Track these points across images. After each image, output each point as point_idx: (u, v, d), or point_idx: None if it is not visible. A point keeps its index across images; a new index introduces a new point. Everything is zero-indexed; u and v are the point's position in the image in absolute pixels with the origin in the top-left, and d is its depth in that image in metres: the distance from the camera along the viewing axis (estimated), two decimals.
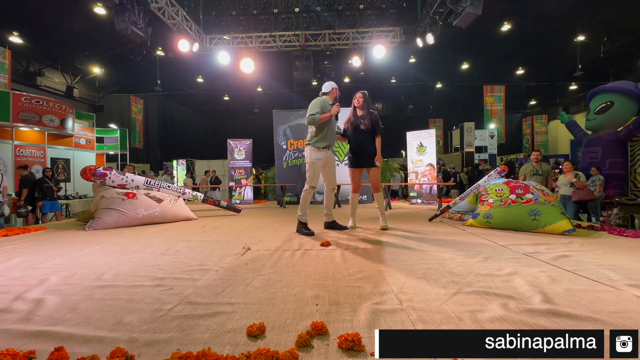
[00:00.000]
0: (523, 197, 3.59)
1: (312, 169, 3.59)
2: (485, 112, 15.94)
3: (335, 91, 3.77)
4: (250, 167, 9.12)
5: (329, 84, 3.77)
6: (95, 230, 3.89)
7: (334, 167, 3.80)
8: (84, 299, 1.63)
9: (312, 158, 3.59)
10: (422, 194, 7.79)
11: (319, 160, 3.60)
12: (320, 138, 3.61)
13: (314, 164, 3.59)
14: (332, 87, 3.75)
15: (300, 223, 3.56)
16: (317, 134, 3.61)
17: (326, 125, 3.61)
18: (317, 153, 3.60)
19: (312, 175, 3.60)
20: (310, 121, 3.52)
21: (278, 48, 10.98)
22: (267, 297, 1.62)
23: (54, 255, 2.62)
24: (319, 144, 3.60)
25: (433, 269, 2.08)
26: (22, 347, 1.13)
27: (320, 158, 3.61)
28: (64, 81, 13.95)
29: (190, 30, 9.86)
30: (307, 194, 3.62)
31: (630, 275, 1.89)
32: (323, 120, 3.51)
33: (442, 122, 19.13)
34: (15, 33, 10.87)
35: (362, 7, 11.08)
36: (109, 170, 4.39)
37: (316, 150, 3.60)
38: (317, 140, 3.61)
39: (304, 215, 3.56)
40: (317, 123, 3.50)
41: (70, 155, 10.46)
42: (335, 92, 3.77)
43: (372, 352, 1.09)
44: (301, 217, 3.56)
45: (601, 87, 7.18)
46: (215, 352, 1.07)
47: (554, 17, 11.45)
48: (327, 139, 3.64)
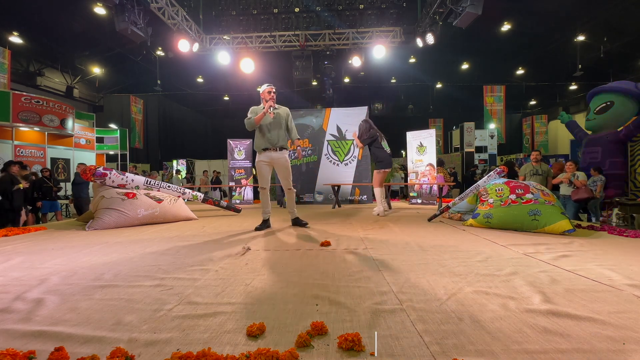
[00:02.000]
0: (523, 197, 3.59)
1: (258, 171, 3.84)
2: (485, 112, 15.94)
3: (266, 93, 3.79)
4: (250, 167, 9.12)
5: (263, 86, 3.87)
6: (95, 230, 3.89)
7: (286, 168, 3.86)
8: (84, 299, 1.63)
9: (256, 161, 3.82)
10: (422, 194, 7.79)
11: (261, 163, 3.78)
12: (256, 141, 3.80)
13: (258, 166, 3.81)
14: (264, 88, 3.82)
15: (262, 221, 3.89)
16: (255, 137, 3.81)
17: (263, 127, 3.73)
18: (259, 156, 3.79)
19: (259, 177, 3.87)
20: (247, 125, 3.72)
21: (278, 48, 10.98)
22: (267, 297, 1.62)
23: (54, 255, 2.62)
24: (257, 146, 3.79)
25: (433, 269, 2.08)
26: (22, 347, 1.13)
27: (262, 160, 3.78)
28: (64, 81, 13.95)
29: (190, 30, 9.86)
30: (261, 195, 3.91)
31: (630, 275, 1.89)
32: (258, 120, 3.67)
33: (442, 122, 19.13)
34: (15, 33, 10.87)
35: (362, 7, 11.08)
36: (109, 170, 4.39)
37: (258, 153, 3.81)
38: (255, 145, 3.82)
39: (263, 213, 3.90)
40: (254, 125, 3.68)
41: (70, 155, 10.47)
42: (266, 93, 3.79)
43: (372, 352, 1.09)
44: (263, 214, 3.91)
45: (601, 87, 7.18)
46: (215, 352, 1.07)
47: (554, 17, 11.45)
48: (265, 140, 3.74)
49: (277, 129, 3.76)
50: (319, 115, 8.44)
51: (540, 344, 1.14)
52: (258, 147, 3.77)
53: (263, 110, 3.64)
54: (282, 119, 3.82)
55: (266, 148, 3.73)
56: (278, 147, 3.76)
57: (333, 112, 8.37)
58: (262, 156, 3.77)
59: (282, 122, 3.81)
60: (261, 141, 3.75)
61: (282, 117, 3.82)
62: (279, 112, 3.80)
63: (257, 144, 3.78)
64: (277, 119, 3.76)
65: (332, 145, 8.31)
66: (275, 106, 3.73)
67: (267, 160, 3.75)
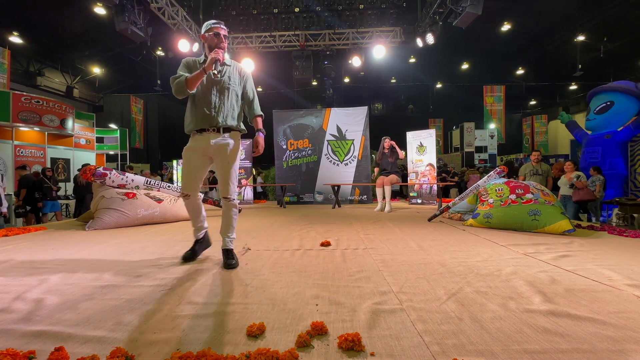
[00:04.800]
0: (523, 197, 3.59)
1: (184, 164, 2.33)
2: (485, 112, 15.94)
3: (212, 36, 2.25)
4: (250, 167, 9.13)
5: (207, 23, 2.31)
6: (95, 230, 3.89)
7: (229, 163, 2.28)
8: (84, 299, 1.63)
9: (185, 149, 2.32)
10: (422, 194, 7.79)
11: (190, 152, 2.29)
12: (188, 116, 2.31)
13: (185, 156, 2.31)
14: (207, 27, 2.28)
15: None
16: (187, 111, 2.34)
17: (200, 94, 2.24)
18: (190, 141, 2.31)
19: (183, 174, 2.34)
20: (174, 89, 2.20)
21: (278, 48, 10.98)
22: (267, 297, 1.62)
23: (54, 255, 2.62)
24: (188, 126, 2.31)
25: (433, 269, 2.08)
26: (22, 347, 1.13)
27: (192, 148, 2.28)
28: (64, 81, 13.96)
29: (190, 30, 9.86)
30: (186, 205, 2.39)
31: (630, 275, 1.89)
32: (193, 82, 2.15)
33: (442, 122, 19.12)
34: (15, 33, 10.88)
35: (362, 7, 11.08)
36: (109, 171, 4.39)
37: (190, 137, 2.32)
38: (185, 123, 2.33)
39: (194, 229, 2.44)
40: (186, 89, 2.16)
41: (70, 155, 10.46)
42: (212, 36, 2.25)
43: (372, 352, 1.09)
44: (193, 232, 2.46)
45: (601, 87, 7.19)
46: (215, 352, 1.07)
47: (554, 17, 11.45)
48: (201, 116, 2.23)
49: (225, 98, 2.27)
50: (319, 115, 8.44)
51: (540, 344, 1.14)
52: (189, 126, 2.29)
53: (203, 66, 2.14)
54: (235, 82, 2.33)
55: (202, 129, 2.24)
56: (222, 128, 2.26)
57: (333, 112, 8.37)
58: (194, 141, 2.28)
59: (234, 88, 2.32)
60: (195, 117, 2.26)
61: (235, 81, 2.33)
62: (229, 69, 2.32)
63: (189, 122, 2.29)
64: (226, 82, 2.27)
65: (332, 145, 8.31)
66: (223, 60, 2.25)
67: (202, 149, 2.26)
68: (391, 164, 6.16)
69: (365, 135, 8.18)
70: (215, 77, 2.24)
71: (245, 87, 2.40)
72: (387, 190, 5.93)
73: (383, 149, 6.25)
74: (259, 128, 2.39)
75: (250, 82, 2.45)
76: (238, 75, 2.37)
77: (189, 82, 2.14)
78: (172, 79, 2.22)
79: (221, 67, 2.26)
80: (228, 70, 2.31)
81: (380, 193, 6.01)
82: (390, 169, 6.15)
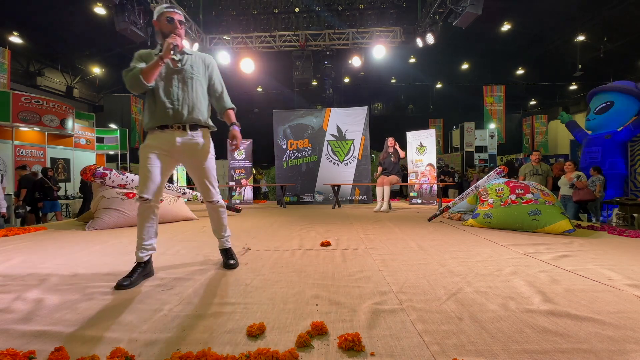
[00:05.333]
0: (523, 197, 3.59)
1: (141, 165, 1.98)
2: (485, 112, 15.93)
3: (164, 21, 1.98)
4: (250, 167, 9.13)
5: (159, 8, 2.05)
6: (95, 230, 3.89)
7: (201, 162, 2.09)
8: (84, 299, 1.63)
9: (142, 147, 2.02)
10: (422, 194, 7.80)
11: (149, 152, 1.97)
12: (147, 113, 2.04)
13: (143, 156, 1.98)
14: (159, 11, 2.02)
15: None
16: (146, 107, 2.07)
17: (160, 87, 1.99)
18: (149, 138, 2.03)
19: (141, 176, 1.97)
20: (129, 84, 1.92)
21: (278, 48, 10.97)
22: (267, 297, 1.62)
23: (54, 255, 2.62)
24: (148, 123, 2.03)
25: (433, 269, 2.08)
26: (22, 347, 1.13)
27: (153, 147, 1.99)
28: (64, 81, 13.95)
29: (190, 30, 9.86)
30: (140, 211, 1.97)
31: (630, 275, 1.89)
32: (149, 73, 1.88)
33: (442, 122, 19.11)
34: (15, 33, 10.87)
35: (362, 7, 11.08)
36: (109, 170, 4.39)
37: (148, 134, 2.04)
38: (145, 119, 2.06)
39: (138, 248, 1.95)
40: (143, 84, 1.88)
41: (70, 155, 10.46)
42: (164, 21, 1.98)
43: (372, 352, 1.09)
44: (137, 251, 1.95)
45: (601, 87, 7.19)
46: (215, 352, 1.08)
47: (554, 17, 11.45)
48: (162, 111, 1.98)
49: (188, 90, 2.02)
50: (319, 115, 8.44)
51: (540, 344, 1.14)
52: (149, 123, 2.02)
53: (159, 55, 1.88)
54: (199, 72, 2.09)
55: (164, 125, 1.99)
56: (188, 125, 2.02)
57: (333, 112, 8.38)
58: (155, 139, 2.00)
59: (198, 78, 2.08)
60: (155, 112, 1.99)
61: (199, 70, 2.09)
62: (191, 58, 2.07)
63: (149, 119, 2.02)
64: (188, 72, 2.04)
65: (332, 145, 8.31)
66: (182, 46, 1.99)
67: (165, 148, 1.99)
68: (394, 164, 6.18)
69: (365, 135, 8.18)
70: (175, 65, 1.99)
71: (211, 78, 2.16)
72: (386, 191, 5.94)
73: (387, 149, 6.27)
74: (232, 122, 2.13)
75: (217, 73, 2.19)
76: (202, 64, 2.11)
77: (145, 74, 1.87)
78: (124, 72, 1.93)
79: (181, 55, 2.00)
80: (190, 59, 2.06)
81: (380, 192, 6.03)
82: (392, 169, 6.17)
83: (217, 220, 2.22)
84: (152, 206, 1.96)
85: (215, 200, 2.16)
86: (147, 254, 1.96)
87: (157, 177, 1.97)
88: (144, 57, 2.00)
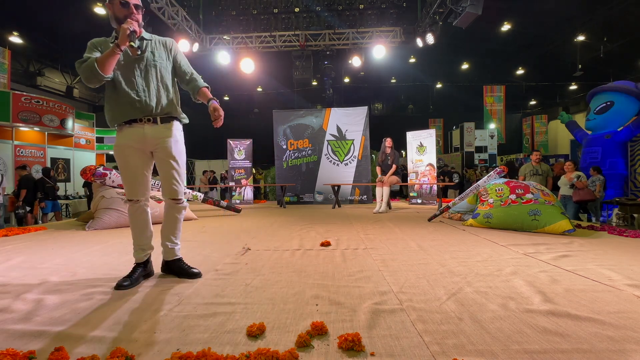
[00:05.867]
0: (523, 197, 3.59)
1: (121, 165, 1.91)
2: (485, 112, 15.94)
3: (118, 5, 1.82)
4: (250, 167, 9.13)
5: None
6: (95, 230, 3.89)
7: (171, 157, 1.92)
8: (83, 298, 1.63)
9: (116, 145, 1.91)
10: (422, 194, 7.80)
11: (125, 148, 1.88)
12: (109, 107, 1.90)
13: (118, 153, 1.89)
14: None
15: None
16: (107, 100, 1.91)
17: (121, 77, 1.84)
18: (119, 135, 1.90)
19: (123, 176, 1.93)
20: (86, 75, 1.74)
21: (278, 48, 10.97)
22: (267, 297, 1.62)
23: (54, 255, 2.62)
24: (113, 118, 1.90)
25: (433, 269, 2.08)
26: (22, 347, 1.13)
27: (125, 144, 1.87)
28: (64, 81, 13.96)
29: (190, 30, 9.86)
30: (130, 212, 1.94)
31: (630, 275, 1.89)
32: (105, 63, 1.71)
33: (442, 122, 19.12)
34: (15, 33, 10.87)
35: (362, 7, 11.08)
36: (109, 170, 4.39)
37: (117, 131, 1.92)
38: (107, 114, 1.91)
39: (136, 249, 1.94)
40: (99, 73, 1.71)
41: (70, 155, 10.47)
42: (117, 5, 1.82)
43: (372, 352, 1.09)
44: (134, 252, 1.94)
45: (601, 87, 7.19)
46: (215, 352, 1.08)
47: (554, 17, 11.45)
48: (128, 104, 1.84)
49: (152, 78, 1.89)
50: (319, 115, 8.45)
51: (540, 344, 1.14)
52: (114, 119, 1.89)
53: (115, 43, 1.71)
54: (162, 58, 1.94)
55: (131, 120, 1.86)
56: (159, 117, 1.90)
57: (333, 112, 8.38)
58: (124, 136, 1.88)
59: (162, 65, 1.93)
60: (120, 107, 1.86)
61: (162, 56, 1.95)
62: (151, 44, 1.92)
63: (113, 113, 1.88)
64: (150, 60, 1.89)
65: (332, 145, 8.31)
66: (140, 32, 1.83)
67: (137, 144, 1.87)
68: (390, 167, 6.17)
69: (365, 135, 8.18)
70: (135, 53, 1.82)
71: (176, 60, 2.00)
72: (385, 191, 5.94)
73: (385, 150, 6.26)
74: (210, 97, 1.95)
75: (181, 54, 2.04)
76: (164, 49, 1.95)
77: (100, 63, 1.69)
78: (77, 63, 1.76)
79: (140, 41, 1.83)
80: (150, 45, 1.90)
81: (380, 193, 6.03)
82: (389, 171, 6.17)
83: (174, 222, 1.99)
84: (142, 205, 1.93)
85: (181, 199, 1.97)
86: (145, 254, 1.95)
87: (141, 177, 1.90)
88: (98, 45, 1.84)
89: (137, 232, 1.93)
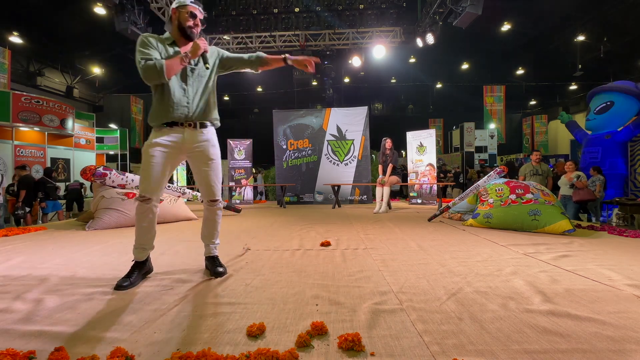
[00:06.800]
0: (523, 197, 3.59)
1: (145, 163, 1.90)
2: (485, 112, 15.93)
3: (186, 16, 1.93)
4: (250, 167, 9.12)
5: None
6: (95, 230, 3.89)
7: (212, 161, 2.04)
8: (84, 299, 1.63)
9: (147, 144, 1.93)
10: (422, 194, 7.80)
11: (156, 149, 1.89)
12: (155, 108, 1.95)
13: (147, 154, 1.90)
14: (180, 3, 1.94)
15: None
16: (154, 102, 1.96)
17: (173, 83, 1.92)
18: (155, 135, 1.94)
19: (143, 174, 1.91)
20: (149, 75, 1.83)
21: (278, 48, 10.98)
22: (267, 297, 1.62)
23: (54, 255, 2.62)
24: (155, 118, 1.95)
25: (433, 269, 2.08)
26: (22, 347, 1.13)
27: (160, 145, 1.91)
28: (64, 81, 13.96)
29: None
30: (138, 211, 1.91)
31: (630, 275, 1.89)
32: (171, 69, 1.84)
33: (442, 122, 19.12)
34: (15, 33, 10.88)
35: (362, 7, 11.09)
36: (109, 170, 4.39)
37: (154, 131, 1.97)
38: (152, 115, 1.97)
39: (137, 248, 1.93)
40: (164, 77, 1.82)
41: (70, 155, 10.46)
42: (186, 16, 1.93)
43: (372, 352, 1.09)
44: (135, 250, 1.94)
45: (601, 87, 7.19)
46: (215, 352, 1.07)
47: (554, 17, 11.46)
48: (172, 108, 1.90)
49: (202, 88, 2.00)
50: (319, 115, 8.45)
51: (540, 344, 1.13)
52: (158, 119, 1.94)
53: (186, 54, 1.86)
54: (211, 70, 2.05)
55: (173, 122, 1.93)
56: (199, 122, 1.99)
57: (333, 112, 8.38)
58: (161, 136, 1.92)
59: (211, 74, 2.06)
60: (166, 108, 1.91)
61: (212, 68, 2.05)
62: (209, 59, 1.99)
63: (158, 114, 1.93)
64: (201, 69, 2.00)
65: (332, 145, 8.31)
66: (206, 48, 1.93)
67: (175, 146, 1.94)
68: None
69: (365, 135, 8.18)
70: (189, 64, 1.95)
71: (223, 57, 2.11)
72: (385, 192, 5.94)
73: (385, 150, 6.27)
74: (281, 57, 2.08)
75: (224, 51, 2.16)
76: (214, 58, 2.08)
77: (168, 70, 1.81)
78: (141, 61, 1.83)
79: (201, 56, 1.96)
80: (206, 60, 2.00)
81: (380, 193, 6.03)
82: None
83: (213, 224, 2.13)
84: (152, 206, 1.91)
85: (219, 200, 2.09)
86: (146, 253, 1.96)
87: (160, 177, 1.91)
88: (153, 45, 1.89)
89: (141, 232, 1.92)
